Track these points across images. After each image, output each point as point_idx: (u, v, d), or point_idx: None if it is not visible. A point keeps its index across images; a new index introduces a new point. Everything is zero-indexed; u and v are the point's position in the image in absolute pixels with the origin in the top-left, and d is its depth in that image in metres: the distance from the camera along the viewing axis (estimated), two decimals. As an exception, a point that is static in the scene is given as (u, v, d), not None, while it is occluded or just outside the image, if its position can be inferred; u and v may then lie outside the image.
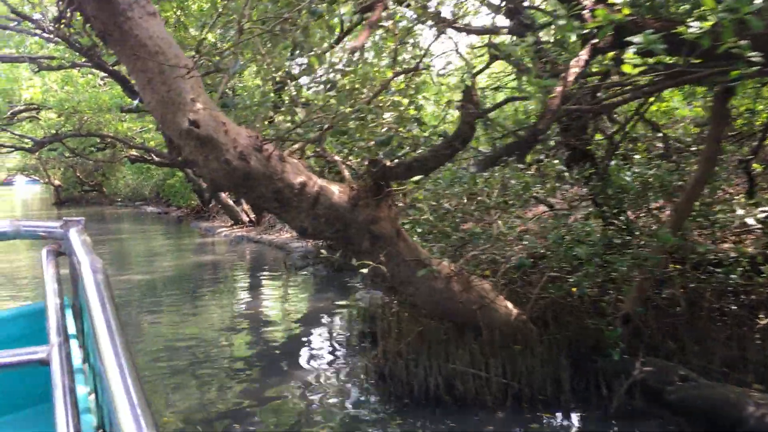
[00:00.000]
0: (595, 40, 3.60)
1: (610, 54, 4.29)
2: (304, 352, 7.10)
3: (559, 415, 5.10)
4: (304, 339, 7.70)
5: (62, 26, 7.18)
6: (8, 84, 14.17)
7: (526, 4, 6.80)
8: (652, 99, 6.88)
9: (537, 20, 6.80)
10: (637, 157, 7.25)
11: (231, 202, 20.33)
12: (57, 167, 34.37)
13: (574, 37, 3.64)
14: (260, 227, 18.65)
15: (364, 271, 4.90)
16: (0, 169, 48.62)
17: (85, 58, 10.76)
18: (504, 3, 6.31)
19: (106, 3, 4.13)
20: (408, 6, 6.72)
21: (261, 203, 4.80)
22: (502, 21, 7.64)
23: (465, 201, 6.11)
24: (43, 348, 1.58)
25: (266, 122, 6.49)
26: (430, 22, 6.64)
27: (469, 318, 5.70)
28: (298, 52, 5.60)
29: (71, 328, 1.98)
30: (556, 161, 6.68)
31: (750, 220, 6.00)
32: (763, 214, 5.97)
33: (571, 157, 7.22)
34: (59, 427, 1.36)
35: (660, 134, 8.39)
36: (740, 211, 6.04)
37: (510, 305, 5.97)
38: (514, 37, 6.50)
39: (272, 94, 7.08)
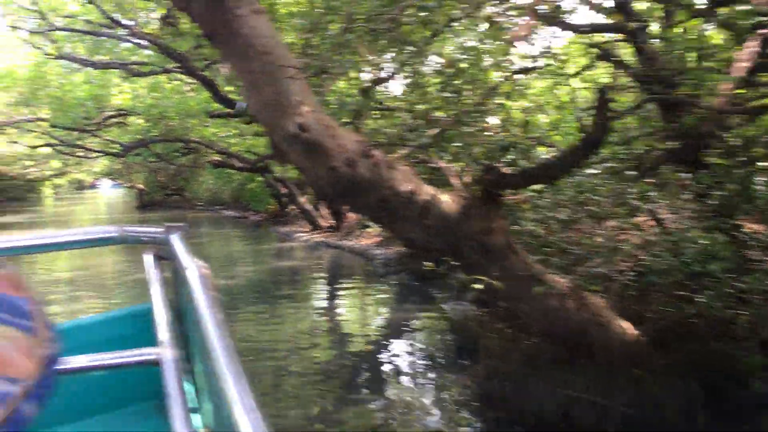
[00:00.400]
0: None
1: None
2: (391, 366, 6.78)
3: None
4: (390, 351, 7.38)
5: (167, 26, 7.13)
6: (100, 90, 14.52)
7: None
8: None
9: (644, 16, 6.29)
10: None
11: (310, 207, 20.31)
12: (141, 171, 35.43)
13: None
14: (340, 233, 18.51)
15: (478, 286, 4.52)
16: (87, 173, 50.56)
17: (176, 63, 10.82)
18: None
19: (215, 0, 3.92)
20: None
21: (367, 212, 4.51)
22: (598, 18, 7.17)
23: (573, 211, 5.65)
24: (155, 349, 1.64)
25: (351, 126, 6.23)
26: (532, 19, 6.23)
27: (582, 338, 5.25)
28: (395, 52, 5.30)
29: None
30: (676, 169, 6.11)
31: None
32: None
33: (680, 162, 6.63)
34: (175, 426, 1.39)
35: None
36: None
37: (626, 325, 5.48)
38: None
39: (358, 98, 6.82)
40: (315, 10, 5.14)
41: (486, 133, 5.38)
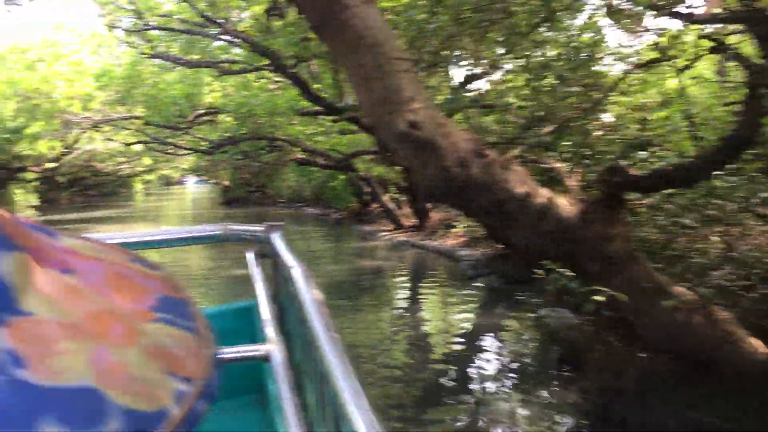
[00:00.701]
0: None
1: None
2: (483, 376, 6.44)
3: None
4: (481, 360, 7.04)
5: (274, 18, 7.05)
6: (192, 89, 14.79)
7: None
8: None
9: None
10: None
11: (392, 206, 20.13)
12: (226, 168, 36.26)
13: None
14: (423, 232, 18.22)
15: (599, 298, 4.15)
16: (175, 170, 52.31)
17: (266, 61, 10.82)
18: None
19: (324, -10, 3.72)
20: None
21: (478, 215, 4.21)
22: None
23: (701, 216, 5.16)
24: (261, 345, 1.68)
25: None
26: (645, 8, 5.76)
27: (709, 356, 4.78)
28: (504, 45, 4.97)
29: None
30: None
31: None
32: None
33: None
34: (282, 420, 1.38)
35: None
36: None
37: (758, 343, 4.96)
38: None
39: (459, 94, 6.50)
40: (420, 1, 4.89)
41: (601, 132, 4.98)
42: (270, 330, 1.73)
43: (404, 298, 11.34)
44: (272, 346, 1.66)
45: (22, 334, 0.63)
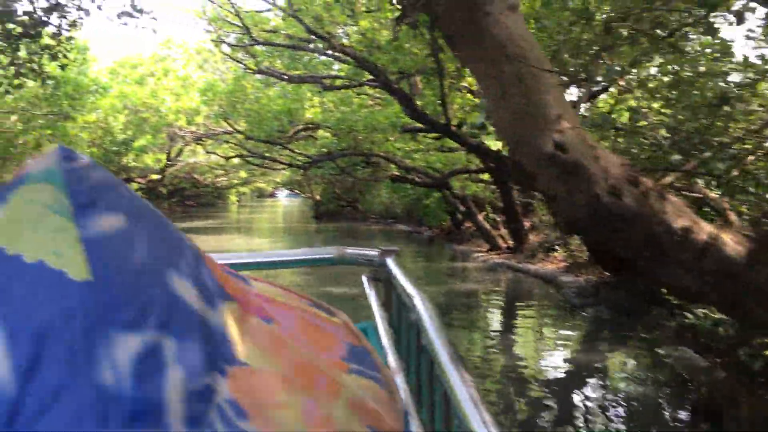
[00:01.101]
0: None
1: None
2: (599, 422, 5.81)
3: None
4: (594, 401, 6.39)
5: (408, 27, 6.79)
6: (293, 104, 14.82)
7: None
8: None
9: None
10: None
11: (488, 225, 19.53)
12: (319, 183, 36.65)
13: None
14: (520, 254, 17.51)
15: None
16: (268, 183, 53.50)
17: (370, 76, 10.60)
18: None
19: (464, -4, 3.34)
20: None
21: (627, 250, 3.68)
22: None
23: None
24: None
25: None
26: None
27: None
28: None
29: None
30: None
31: None
32: None
33: None
34: None
35: None
36: None
37: None
38: None
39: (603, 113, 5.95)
40: (567, 8, 4.42)
41: None
42: (389, 354, 1.72)
43: (502, 325, 10.74)
44: (395, 368, 1.66)
45: (240, 384, 0.68)
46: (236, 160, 23.20)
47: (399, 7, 10.63)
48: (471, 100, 11.85)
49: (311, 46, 11.50)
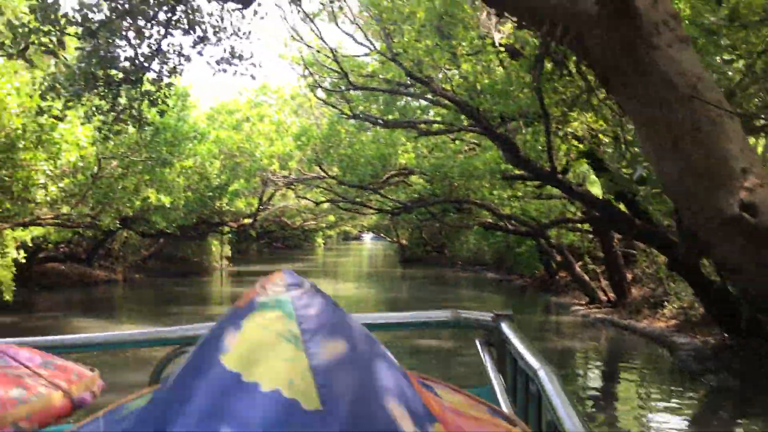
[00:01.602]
0: None
1: None
2: None
3: None
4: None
5: (548, 61, 6.32)
6: (387, 149, 14.57)
7: None
8: None
9: None
10: None
11: (586, 277, 18.46)
12: (405, 227, 36.32)
13: None
14: (623, 309, 16.31)
15: None
16: (355, 227, 53.72)
17: (470, 121, 10.14)
18: None
19: (626, 25, 2.78)
20: None
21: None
22: None
23: None
24: None
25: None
26: None
27: None
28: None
29: None
30: None
31: None
32: None
33: None
34: None
35: None
36: None
37: None
38: None
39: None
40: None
41: None
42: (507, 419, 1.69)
43: (610, 393, 9.78)
44: None
45: None
46: (326, 205, 23.13)
47: (503, 49, 10.21)
48: (575, 146, 11.19)
49: (410, 90, 11.19)
